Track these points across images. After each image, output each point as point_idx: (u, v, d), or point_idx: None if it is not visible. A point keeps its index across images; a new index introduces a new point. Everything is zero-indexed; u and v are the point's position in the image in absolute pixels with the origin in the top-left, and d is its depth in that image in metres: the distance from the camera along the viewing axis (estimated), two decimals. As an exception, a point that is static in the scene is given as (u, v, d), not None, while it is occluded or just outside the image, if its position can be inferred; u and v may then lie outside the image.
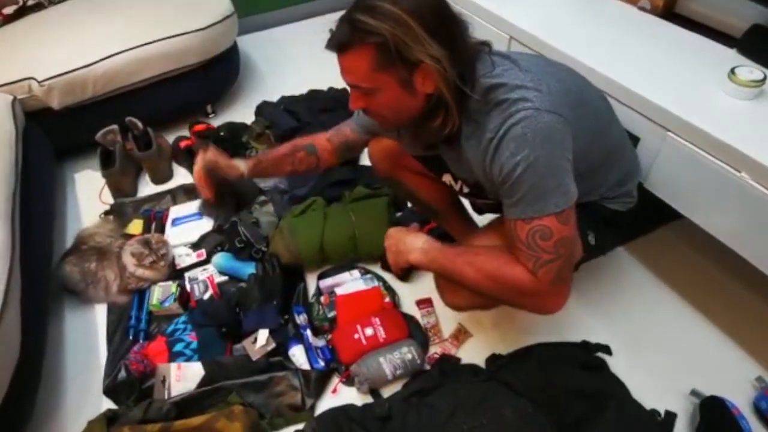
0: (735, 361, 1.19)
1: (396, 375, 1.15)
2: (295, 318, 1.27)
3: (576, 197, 0.82)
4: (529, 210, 0.80)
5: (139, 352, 1.21)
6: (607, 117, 1.01)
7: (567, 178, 0.81)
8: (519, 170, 0.78)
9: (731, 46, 1.20)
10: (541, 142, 0.77)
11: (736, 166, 0.94)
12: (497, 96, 0.80)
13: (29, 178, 1.42)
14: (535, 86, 0.80)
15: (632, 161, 1.08)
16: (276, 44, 2.51)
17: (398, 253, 1.00)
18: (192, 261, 1.45)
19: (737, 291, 1.32)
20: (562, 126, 0.79)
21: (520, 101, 0.78)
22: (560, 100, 0.80)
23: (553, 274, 0.82)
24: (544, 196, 0.79)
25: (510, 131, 0.78)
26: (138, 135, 1.78)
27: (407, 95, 0.82)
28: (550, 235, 0.80)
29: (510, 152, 0.78)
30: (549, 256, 0.81)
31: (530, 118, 0.77)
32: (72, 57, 1.63)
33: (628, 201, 1.06)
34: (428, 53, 0.76)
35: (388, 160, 1.21)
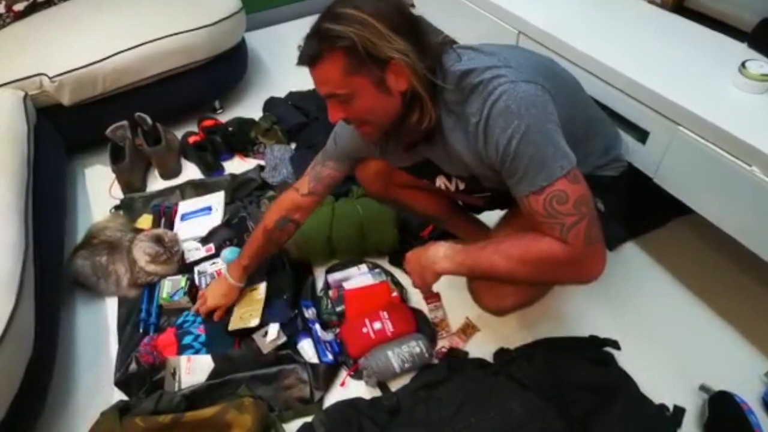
0: (744, 357, 1.18)
1: (404, 369, 1.15)
2: (303, 312, 1.28)
3: (575, 159, 0.81)
4: (537, 180, 0.79)
5: (149, 344, 1.22)
6: (579, 89, 1.01)
7: (561, 141, 0.81)
8: (514, 143, 0.78)
9: (741, 40, 1.18)
10: (526, 110, 0.77)
11: (747, 160, 0.93)
12: (471, 81, 0.82)
13: (41, 173, 1.43)
14: (504, 64, 0.82)
15: (611, 129, 1.09)
16: (283, 40, 2.52)
17: (423, 269, 0.97)
18: (201, 255, 1.46)
19: (747, 286, 1.32)
20: (541, 92, 0.80)
21: (495, 79, 0.79)
22: (532, 72, 0.82)
23: (583, 234, 0.80)
24: (546, 163, 0.79)
25: (494, 108, 0.79)
26: (147, 130, 1.79)
27: (383, 96, 0.83)
28: (566, 197, 0.79)
29: (500, 128, 0.79)
30: (573, 218, 0.79)
31: (509, 92, 0.78)
32: (82, 53, 1.64)
33: (619, 165, 1.06)
34: (395, 48, 0.78)
35: (378, 181, 1.18)
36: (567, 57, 1.24)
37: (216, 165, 1.79)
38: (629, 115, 1.14)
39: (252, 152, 1.85)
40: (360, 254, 1.42)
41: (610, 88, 1.16)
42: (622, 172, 1.07)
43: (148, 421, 1.02)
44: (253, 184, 1.68)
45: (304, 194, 1.13)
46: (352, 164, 1.14)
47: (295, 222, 1.17)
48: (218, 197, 1.64)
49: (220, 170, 1.80)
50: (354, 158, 1.12)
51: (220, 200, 1.63)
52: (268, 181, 1.69)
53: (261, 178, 1.70)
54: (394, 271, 1.40)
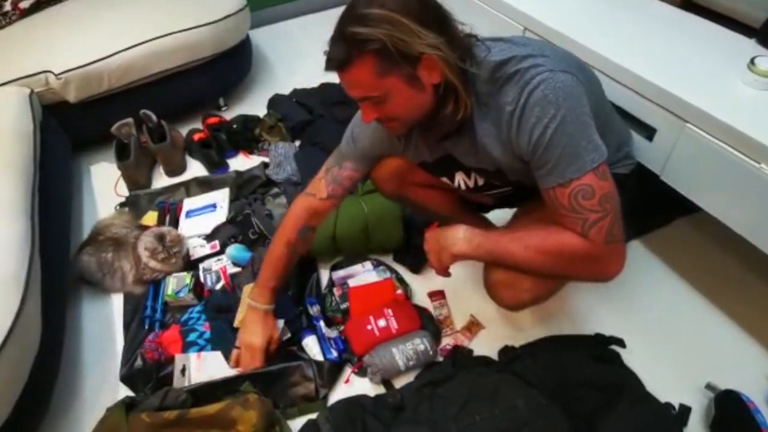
0: (751, 356, 1.17)
1: (408, 366, 1.15)
2: (308, 309, 1.28)
3: (606, 153, 0.81)
4: (567, 172, 0.79)
5: (154, 341, 1.23)
6: (599, 84, 1.01)
7: (595, 134, 0.80)
8: (549, 132, 0.77)
9: (750, 36, 1.17)
10: (564, 100, 0.77)
11: (756, 157, 0.92)
12: (507, 70, 0.81)
13: (47, 170, 1.44)
14: (540, 53, 0.81)
15: (622, 126, 1.09)
16: (288, 37, 2.52)
17: (441, 250, 0.96)
18: (206, 252, 1.46)
19: (754, 284, 1.31)
20: (577, 84, 0.79)
21: (533, 68, 0.78)
22: (568, 62, 0.82)
23: (605, 232, 0.80)
24: (578, 155, 0.78)
25: (531, 96, 0.78)
26: (152, 128, 1.80)
27: (416, 91, 0.82)
28: (592, 193, 0.79)
29: (536, 117, 0.78)
30: (596, 215, 0.79)
31: (548, 80, 0.77)
32: (88, 50, 1.65)
33: (629, 163, 1.06)
34: (427, 43, 0.76)
35: (393, 180, 1.17)
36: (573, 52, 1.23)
37: (221, 162, 1.80)
38: (636, 112, 1.14)
39: (256, 149, 1.85)
40: (365, 252, 1.42)
41: (617, 84, 1.15)
42: (632, 169, 1.06)
43: (154, 416, 1.03)
44: (258, 182, 1.68)
45: (323, 198, 1.10)
46: (372, 163, 1.12)
47: (314, 228, 1.16)
48: (223, 194, 1.64)
49: (225, 167, 1.80)
50: (375, 157, 1.11)
51: (224, 197, 1.63)
52: (272, 178, 1.69)
53: (265, 175, 1.70)
54: (398, 268, 1.40)
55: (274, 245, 1.15)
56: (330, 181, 1.10)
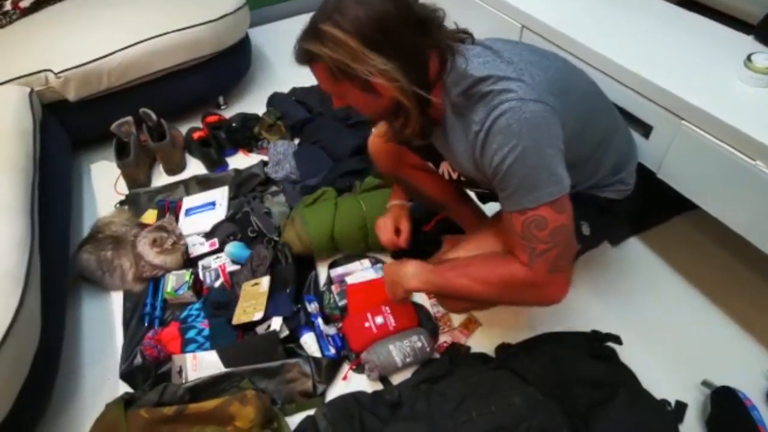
0: (747, 352, 1.18)
1: (406, 363, 1.16)
2: (306, 306, 1.29)
3: (568, 186, 0.82)
4: (524, 201, 0.80)
5: (153, 338, 1.24)
6: (595, 104, 0.98)
7: (558, 167, 0.81)
8: (508, 162, 0.78)
9: (748, 32, 1.17)
10: (528, 132, 0.77)
11: (752, 155, 0.93)
12: (481, 89, 0.80)
13: (47, 169, 1.44)
14: (518, 77, 0.79)
15: (626, 147, 1.06)
16: (287, 36, 2.45)
17: (394, 285, 1.05)
18: (205, 250, 1.47)
19: (751, 281, 1.31)
20: (548, 114, 0.78)
21: (504, 92, 0.78)
22: (545, 89, 0.80)
23: (550, 263, 0.83)
24: (536, 187, 0.79)
25: (495, 123, 0.78)
26: (152, 126, 1.80)
27: (372, 97, 0.83)
28: (545, 224, 0.81)
29: (497, 145, 0.78)
30: (545, 246, 0.82)
31: (515, 109, 0.77)
32: (87, 49, 1.65)
33: (623, 189, 1.05)
34: (371, 68, 0.76)
35: (389, 159, 1.21)
36: (570, 51, 1.23)
37: (220, 160, 1.80)
38: (632, 109, 1.14)
39: (256, 148, 1.86)
40: (363, 250, 1.42)
41: (613, 82, 1.15)
42: (626, 196, 1.06)
43: (153, 412, 1.04)
44: (257, 180, 1.68)
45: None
46: None
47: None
48: (222, 192, 1.65)
49: (224, 166, 1.81)
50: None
51: (224, 195, 1.64)
52: (271, 176, 1.69)
53: (264, 173, 1.70)
54: (396, 266, 1.40)
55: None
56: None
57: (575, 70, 0.98)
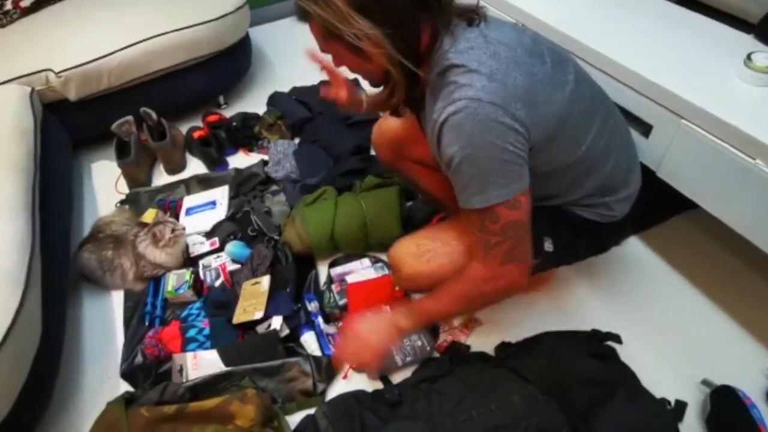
0: (747, 351, 1.18)
1: (406, 362, 1.16)
2: (306, 305, 1.29)
3: (525, 187, 0.81)
4: (474, 199, 0.81)
5: (154, 337, 1.24)
6: (582, 123, 0.90)
7: (511, 171, 0.80)
8: (456, 161, 0.78)
9: (748, 31, 1.17)
10: (479, 134, 0.76)
11: (752, 153, 0.93)
12: (449, 76, 0.79)
13: (47, 168, 1.45)
14: (489, 73, 0.76)
15: (619, 176, 1.00)
16: (287, 35, 2.52)
17: (384, 341, 1.01)
18: (205, 249, 1.47)
19: (751, 280, 1.31)
20: (508, 120, 0.76)
21: (465, 87, 0.76)
22: (514, 95, 0.77)
23: (501, 256, 0.85)
24: (485, 188, 0.79)
25: (450, 119, 0.77)
26: (152, 126, 1.80)
27: (362, 60, 0.82)
28: (497, 218, 0.82)
29: (448, 140, 0.78)
30: (497, 239, 0.84)
31: (470, 109, 0.75)
32: (88, 49, 1.66)
33: (607, 214, 1.01)
34: (360, 34, 0.75)
35: (390, 150, 1.22)
36: (570, 50, 1.23)
37: (220, 160, 1.80)
38: (632, 108, 1.14)
39: (256, 147, 1.86)
40: (363, 249, 1.42)
41: (612, 81, 1.15)
42: (612, 222, 1.02)
43: (153, 411, 1.04)
44: (257, 179, 1.68)
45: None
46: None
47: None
48: (222, 192, 1.65)
49: (225, 165, 1.81)
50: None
51: (224, 195, 1.64)
52: (271, 175, 1.69)
53: (265, 172, 1.70)
54: (396, 265, 1.40)
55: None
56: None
57: (571, 90, 0.87)
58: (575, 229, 1.02)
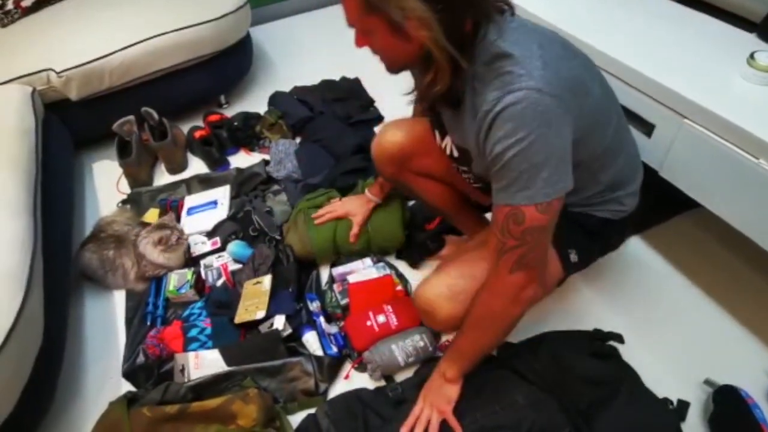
0: (750, 351, 1.17)
1: (408, 362, 1.16)
2: (308, 305, 1.29)
3: (569, 187, 0.79)
4: (517, 197, 0.77)
5: (156, 337, 1.24)
6: (607, 117, 0.92)
7: (562, 169, 0.78)
8: (510, 154, 0.74)
9: (750, 30, 1.17)
10: (539, 126, 0.73)
11: (755, 152, 0.93)
12: (503, 66, 0.75)
13: (49, 168, 1.45)
14: (543, 65, 0.74)
15: (628, 169, 1.02)
16: (288, 34, 2.52)
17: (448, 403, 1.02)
18: (207, 249, 1.47)
19: (753, 280, 1.31)
20: (562, 112, 0.75)
21: (525, 77, 0.73)
22: (565, 87, 0.76)
23: (513, 261, 0.82)
24: (533, 184, 0.76)
25: (507, 109, 0.73)
26: (153, 125, 1.80)
27: (399, 40, 0.76)
28: (522, 220, 0.78)
29: (504, 132, 0.74)
30: (514, 242, 0.80)
31: (531, 99, 0.72)
32: (89, 48, 1.65)
33: (619, 209, 1.02)
34: (410, 14, 0.71)
35: (391, 164, 1.19)
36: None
37: (221, 159, 1.80)
38: (634, 107, 1.14)
39: (257, 147, 1.86)
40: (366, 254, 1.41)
41: (614, 80, 1.15)
42: (622, 217, 1.02)
43: (155, 411, 1.04)
44: (259, 179, 1.68)
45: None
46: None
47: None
48: (224, 191, 1.65)
49: (226, 165, 1.81)
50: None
51: (225, 194, 1.64)
52: (273, 175, 1.69)
53: (266, 172, 1.70)
54: (398, 264, 1.40)
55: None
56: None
57: (601, 79, 0.92)
58: (590, 234, 1.01)
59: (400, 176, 1.21)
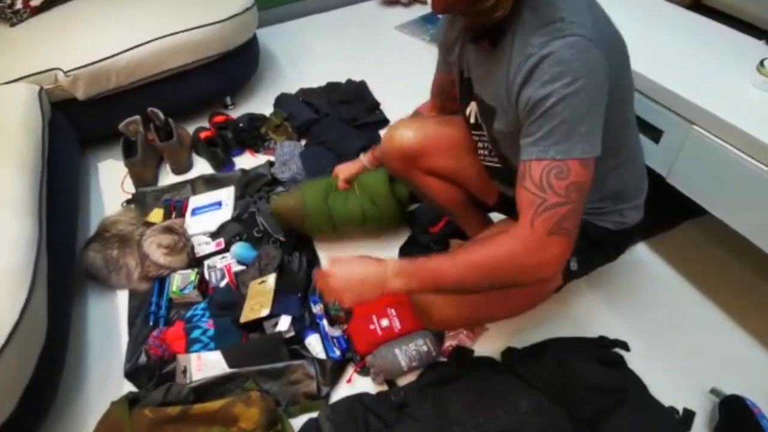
0: (757, 360, 1.16)
1: (411, 366, 1.15)
2: (311, 308, 1.29)
3: (599, 150, 0.75)
4: (552, 150, 0.72)
5: (158, 337, 1.24)
6: (630, 107, 0.91)
7: (597, 127, 0.74)
8: (553, 99, 0.70)
9: (760, 38, 1.17)
10: (586, 74, 0.69)
11: (764, 160, 0.92)
12: (553, 14, 0.72)
13: (54, 167, 1.45)
14: (593, 20, 0.73)
15: (634, 183, 1.01)
16: (294, 37, 2.52)
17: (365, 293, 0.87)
18: (211, 250, 1.47)
19: (759, 288, 1.30)
20: (607, 68, 0.72)
21: (576, 25, 0.70)
22: (612, 46, 0.74)
23: (553, 222, 0.74)
24: (571, 137, 0.71)
25: (557, 53, 0.69)
26: (159, 125, 1.81)
27: None
28: (567, 174, 0.72)
29: (549, 76, 0.70)
30: (557, 199, 0.73)
31: (581, 45, 0.69)
32: (96, 48, 1.66)
33: (621, 222, 1.00)
34: None
35: (402, 160, 1.19)
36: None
37: (226, 160, 1.80)
38: (642, 113, 1.13)
39: (262, 148, 1.86)
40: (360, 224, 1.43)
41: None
42: (623, 229, 1.01)
43: (157, 412, 1.04)
44: (263, 180, 1.68)
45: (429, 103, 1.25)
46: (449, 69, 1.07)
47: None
48: (228, 192, 1.65)
49: (231, 165, 1.81)
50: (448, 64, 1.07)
51: (230, 195, 1.64)
52: (277, 176, 1.69)
53: (271, 173, 1.70)
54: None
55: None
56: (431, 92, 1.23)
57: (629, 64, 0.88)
58: (593, 243, 1.00)
59: (408, 173, 1.21)
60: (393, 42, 2.39)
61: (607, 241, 1.02)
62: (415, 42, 2.37)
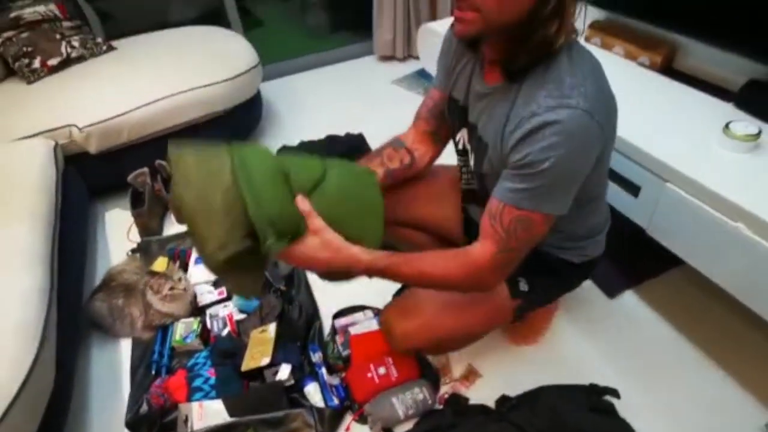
0: (745, 407, 1.19)
1: (408, 415, 1.18)
2: (310, 356, 1.32)
3: (565, 212, 0.82)
4: (528, 203, 0.78)
5: (160, 386, 1.26)
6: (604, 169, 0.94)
7: (575, 190, 0.81)
8: (546, 165, 0.74)
9: (728, 100, 1.25)
10: (580, 150, 0.74)
11: (732, 217, 0.98)
12: (563, 71, 0.75)
13: (66, 219, 1.50)
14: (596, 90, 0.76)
15: (598, 222, 1.06)
16: (296, 91, 2.64)
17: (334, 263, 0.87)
18: (213, 299, 1.51)
19: (748, 336, 1.33)
20: (600, 141, 0.76)
21: (581, 97, 0.72)
22: (609, 119, 0.79)
23: (505, 262, 0.84)
24: (549, 198, 0.78)
25: (561, 124, 0.72)
26: (166, 177, 1.88)
27: None
28: (530, 226, 0.80)
29: (549, 144, 0.73)
30: (516, 245, 0.82)
31: (582, 122, 0.72)
32: (109, 105, 1.75)
33: (583, 255, 1.06)
34: None
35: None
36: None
37: (230, 210, 1.86)
38: (621, 170, 1.21)
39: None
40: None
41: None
42: (584, 261, 1.06)
43: (159, 463, 1.05)
44: (265, 229, 1.73)
45: (413, 128, 1.15)
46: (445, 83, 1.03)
47: (409, 152, 1.12)
48: (231, 241, 1.70)
49: (234, 215, 1.86)
50: (443, 71, 1.05)
51: (232, 244, 1.68)
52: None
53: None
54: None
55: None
56: (417, 115, 1.15)
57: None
58: (552, 271, 1.05)
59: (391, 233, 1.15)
60: (390, 96, 2.50)
61: (570, 273, 1.07)
62: (411, 96, 2.49)
